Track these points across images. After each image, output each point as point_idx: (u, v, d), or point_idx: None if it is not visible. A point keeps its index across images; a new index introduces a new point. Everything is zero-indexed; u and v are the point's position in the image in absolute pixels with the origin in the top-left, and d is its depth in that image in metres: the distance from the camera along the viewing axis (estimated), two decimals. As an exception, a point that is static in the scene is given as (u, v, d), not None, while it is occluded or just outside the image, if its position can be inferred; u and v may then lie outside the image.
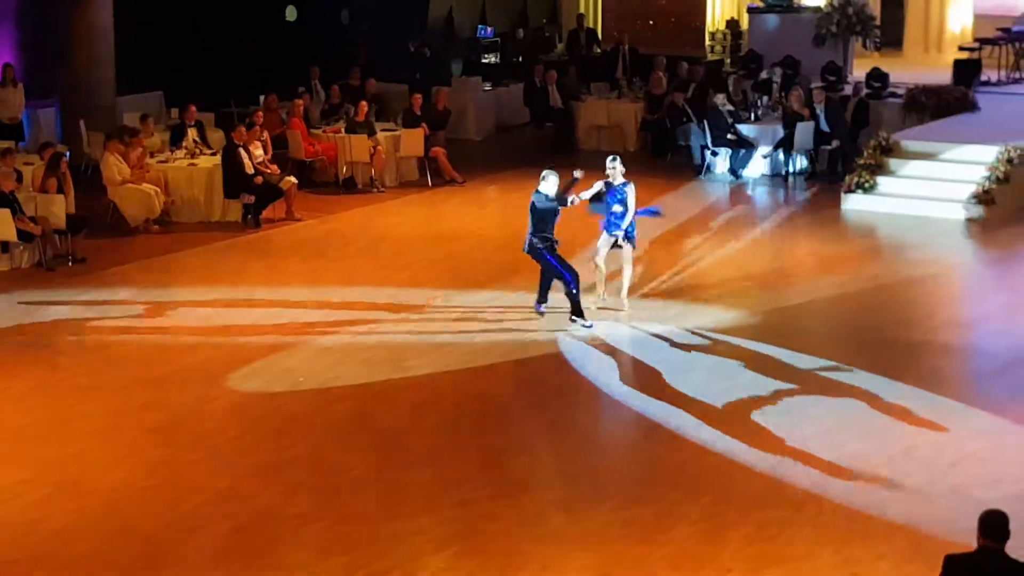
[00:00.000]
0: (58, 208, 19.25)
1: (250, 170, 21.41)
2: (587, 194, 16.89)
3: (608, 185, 16.80)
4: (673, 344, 16.07)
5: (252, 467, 12.89)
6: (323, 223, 21.84)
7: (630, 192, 16.76)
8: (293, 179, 22.04)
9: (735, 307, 17.47)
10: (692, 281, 18.49)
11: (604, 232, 16.96)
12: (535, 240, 16.48)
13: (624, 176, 16.83)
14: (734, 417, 13.90)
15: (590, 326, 16.43)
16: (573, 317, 16.56)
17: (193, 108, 23.29)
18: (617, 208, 16.78)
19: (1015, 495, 11.95)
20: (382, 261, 19.63)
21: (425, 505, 12.09)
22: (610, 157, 17.02)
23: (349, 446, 13.38)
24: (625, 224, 16.82)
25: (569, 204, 16.56)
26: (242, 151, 21.48)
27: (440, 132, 24.88)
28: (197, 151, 22.32)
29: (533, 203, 16.46)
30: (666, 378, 14.99)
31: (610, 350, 15.90)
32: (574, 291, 16.48)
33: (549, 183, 16.42)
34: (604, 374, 15.21)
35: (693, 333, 16.33)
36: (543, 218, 16.41)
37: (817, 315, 17.42)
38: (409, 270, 19.16)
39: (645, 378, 15.06)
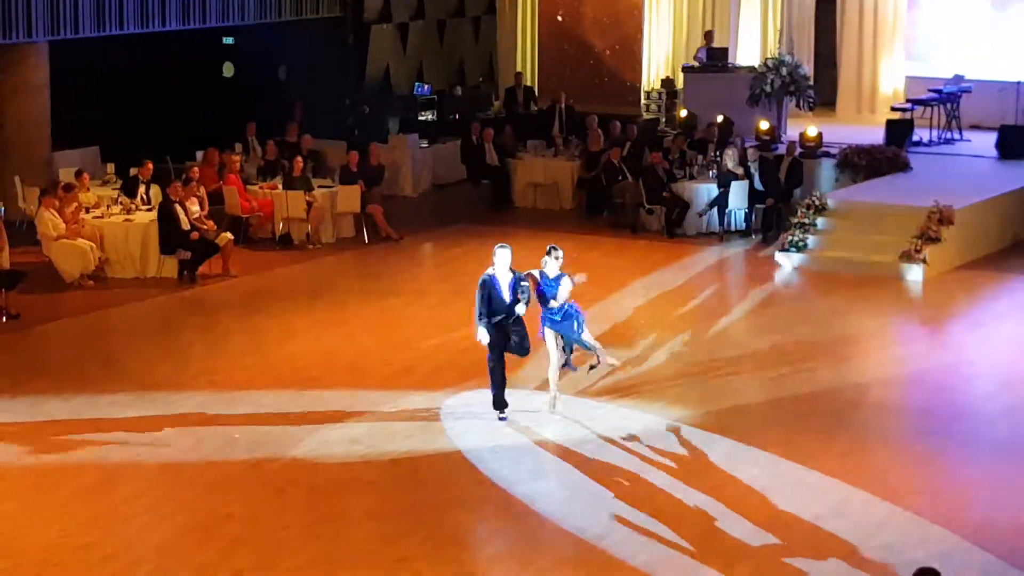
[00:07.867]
0: (-8, 263, 19.18)
1: (186, 226, 21.38)
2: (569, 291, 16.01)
3: (542, 276, 15.62)
4: (600, 413, 15.99)
5: (186, 525, 12.85)
6: (259, 279, 21.80)
7: (564, 285, 15.54)
8: (229, 235, 22.01)
9: (668, 370, 17.57)
10: (623, 345, 18.33)
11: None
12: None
13: (560, 269, 15.64)
14: (674, 462, 14.04)
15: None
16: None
17: (150, 164, 23.18)
18: (553, 304, 15.56)
19: (942, 553, 12.11)
20: (318, 318, 19.61)
21: (365, 560, 12.19)
22: (552, 246, 15.82)
23: (284, 504, 13.36)
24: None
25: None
26: (178, 207, 21.45)
27: (376, 188, 24.89)
28: (133, 207, 22.22)
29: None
30: (598, 437, 15.10)
31: (545, 417, 15.93)
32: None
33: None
34: (545, 431, 15.26)
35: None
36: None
37: (752, 372, 17.49)
38: (345, 327, 19.16)
39: (571, 447, 15.15)
